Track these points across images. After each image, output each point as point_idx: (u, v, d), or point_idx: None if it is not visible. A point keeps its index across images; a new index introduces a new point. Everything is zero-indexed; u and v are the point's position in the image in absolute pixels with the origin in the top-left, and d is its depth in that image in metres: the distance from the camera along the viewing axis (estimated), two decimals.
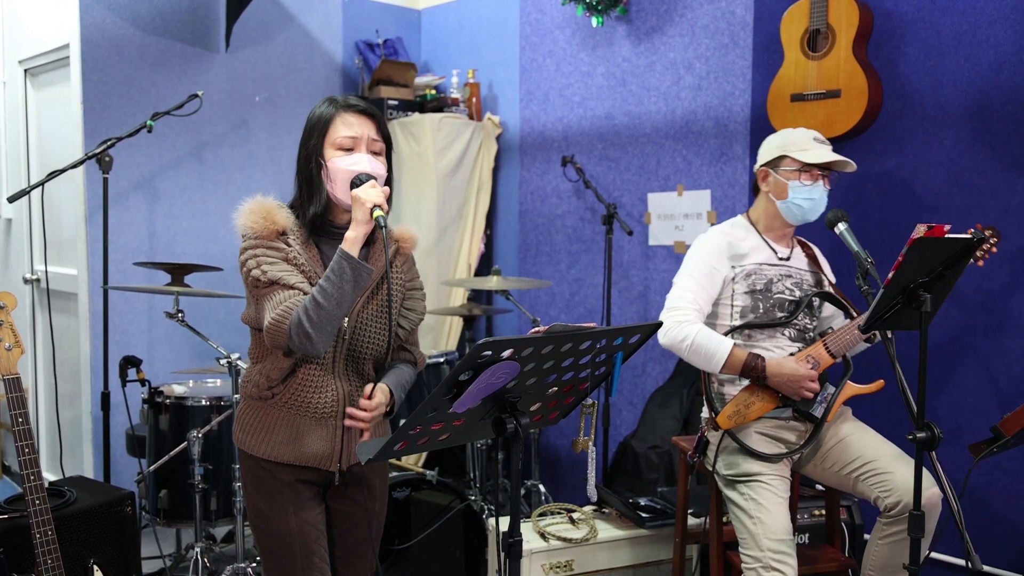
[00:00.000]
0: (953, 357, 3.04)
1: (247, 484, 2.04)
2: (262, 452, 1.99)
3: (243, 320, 2.07)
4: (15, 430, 2.28)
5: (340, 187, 1.95)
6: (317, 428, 1.98)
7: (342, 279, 1.84)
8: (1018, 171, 2.88)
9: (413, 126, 4.37)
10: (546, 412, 1.82)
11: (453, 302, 4.40)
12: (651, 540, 2.98)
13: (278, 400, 1.98)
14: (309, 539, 1.99)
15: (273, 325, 1.87)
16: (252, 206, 1.97)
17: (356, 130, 1.98)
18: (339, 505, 2.09)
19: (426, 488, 3.09)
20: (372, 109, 2.02)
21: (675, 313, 2.49)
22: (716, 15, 3.65)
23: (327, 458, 1.99)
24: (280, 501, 1.98)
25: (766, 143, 2.64)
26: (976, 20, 2.95)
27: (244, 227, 1.96)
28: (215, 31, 4.15)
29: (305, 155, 2.00)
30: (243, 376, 2.09)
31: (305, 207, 1.99)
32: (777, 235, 2.65)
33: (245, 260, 1.94)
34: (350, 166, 1.94)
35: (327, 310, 1.84)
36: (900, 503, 2.34)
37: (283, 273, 1.91)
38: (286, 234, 1.96)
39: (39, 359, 4.53)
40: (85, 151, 3.57)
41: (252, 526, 2.05)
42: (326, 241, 2.02)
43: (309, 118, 2.02)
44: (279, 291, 1.90)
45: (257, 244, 1.93)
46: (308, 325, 1.84)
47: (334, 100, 2.02)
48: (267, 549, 2.01)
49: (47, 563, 2.27)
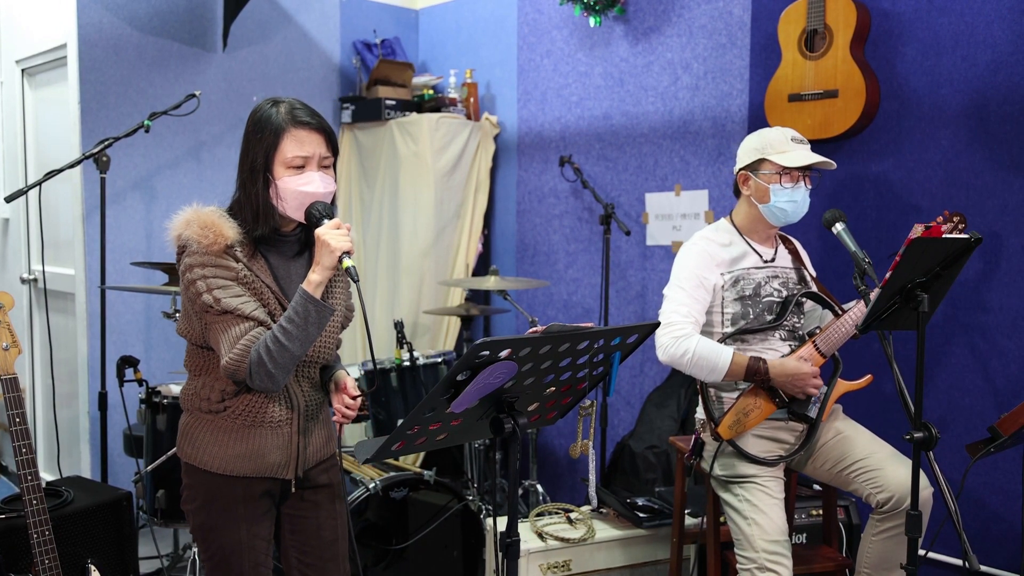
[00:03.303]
0: (950, 357, 3.05)
1: (195, 499, 1.97)
2: (216, 467, 1.93)
3: (179, 333, 1.99)
4: (12, 430, 2.27)
5: (291, 206, 1.88)
6: (272, 438, 1.94)
7: (307, 322, 1.81)
8: (1015, 171, 2.89)
9: (411, 126, 4.37)
10: (544, 412, 1.82)
11: (451, 302, 4.40)
12: (648, 540, 2.98)
13: (230, 413, 1.93)
14: (258, 551, 1.96)
15: (232, 363, 1.82)
16: (194, 216, 1.86)
17: (307, 149, 1.88)
18: (297, 512, 2.05)
19: (424, 488, 3.09)
20: (323, 124, 1.91)
21: (671, 328, 2.47)
22: (714, 15, 3.65)
23: (284, 467, 1.97)
24: (233, 516, 1.94)
25: (744, 145, 2.61)
26: (973, 20, 2.95)
27: (187, 239, 1.84)
28: (212, 31, 4.15)
29: (250, 169, 1.89)
30: (186, 388, 2.01)
31: (250, 225, 1.89)
32: (761, 237, 2.64)
33: (193, 280, 1.84)
34: (302, 187, 1.87)
35: (291, 351, 1.81)
36: (892, 499, 2.36)
37: (238, 303, 1.83)
38: (233, 247, 1.86)
39: (36, 359, 4.52)
40: (82, 151, 3.57)
41: (197, 539, 1.99)
42: (272, 250, 1.95)
43: (254, 122, 1.91)
44: (235, 324, 1.83)
45: (205, 262, 1.83)
46: (271, 365, 1.80)
47: (279, 106, 1.90)
48: (214, 561, 1.97)
49: (44, 563, 2.27)
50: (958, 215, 2.50)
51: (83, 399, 3.92)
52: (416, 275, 4.35)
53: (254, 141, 1.91)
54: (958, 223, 2.49)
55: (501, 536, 1.71)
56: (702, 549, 2.79)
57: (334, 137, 1.95)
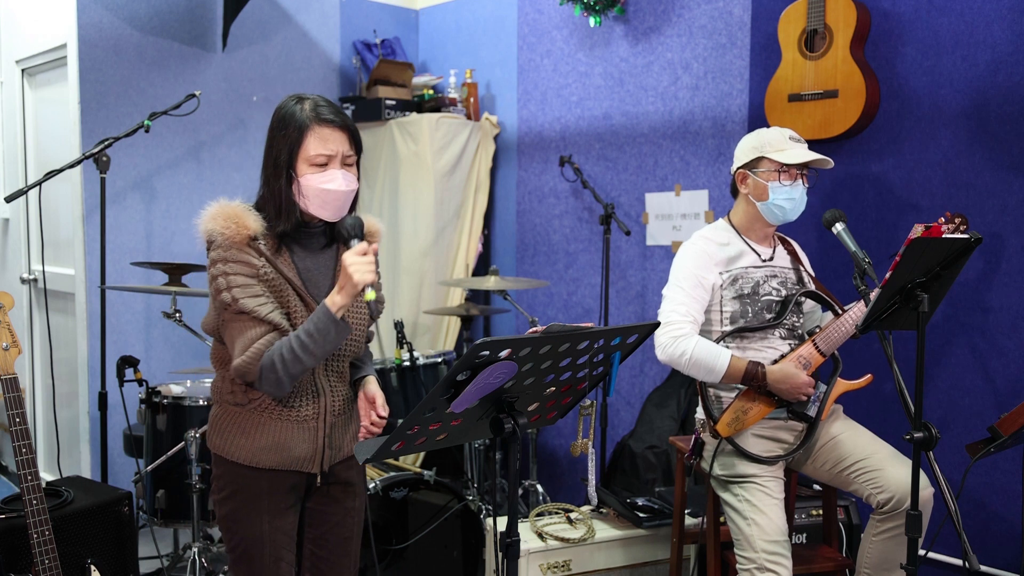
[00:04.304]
0: (950, 357, 3.05)
1: (222, 489, 2.00)
2: (243, 458, 1.95)
3: (204, 328, 2.00)
4: (12, 430, 2.28)
5: (314, 204, 1.90)
6: (298, 431, 1.96)
7: (325, 339, 1.82)
8: (1015, 171, 2.89)
9: (411, 126, 4.37)
10: (544, 412, 1.82)
11: (451, 302, 4.40)
12: (648, 540, 2.98)
13: (256, 405, 1.94)
14: (279, 546, 1.98)
15: (243, 366, 1.84)
16: (219, 210, 1.88)
17: (331, 147, 1.89)
18: (319, 506, 2.07)
19: (424, 488, 3.09)
20: (346, 121, 1.92)
21: (670, 328, 2.48)
22: (714, 15, 3.65)
23: (309, 460, 1.98)
24: (257, 508, 1.96)
25: (742, 144, 2.62)
26: (973, 20, 2.95)
27: (212, 232, 1.87)
28: (212, 31, 4.15)
29: (274, 165, 1.91)
30: (215, 381, 2.04)
31: (273, 220, 1.91)
32: (759, 236, 2.65)
33: (215, 275, 1.86)
34: (324, 184, 1.88)
35: (304, 363, 1.83)
36: (892, 499, 2.36)
37: (255, 303, 1.84)
38: (257, 239, 1.88)
39: (36, 359, 4.52)
40: (82, 151, 3.57)
41: (224, 528, 2.01)
42: (296, 243, 1.96)
43: (279, 119, 1.92)
44: (250, 326, 1.84)
45: (227, 257, 1.85)
46: (282, 373, 1.82)
47: (303, 103, 1.90)
48: (236, 552, 1.99)
49: (44, 563, 2.27)
50: (960, 216, 2.50)
51: (83, 399, 3.92)
52: (416, 275, 4.35)
53: (278, 137, 1.91)
54: (959, 224, 2.49)
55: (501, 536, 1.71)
56: (702, 549, 2.79)
57: (358, 135, 1.96)
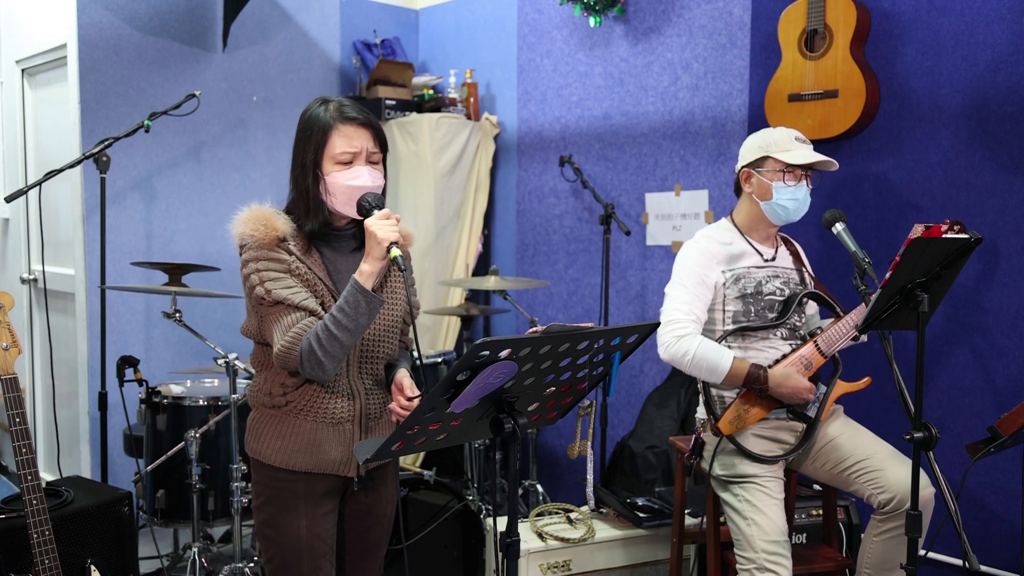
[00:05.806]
0: (950, 357, 3.05)
1: (260, 494, 1.99)
2: (279, 461, 1.95)
3: (243, 332, 2.02)
4: (12, 430, 2.27)
5: (340, 201, 1.92)
6: (334, 434, 1.96)
7: (357, 311, 1.83)
8: (1015, 171, 2.89)
9: (411, 126, 4.37)
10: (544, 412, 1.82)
11: (451, 302, 4.40)
12: (648, 540, 2.98)
13: (293, 408, 1.95)
14: (317, 553, 1.96)
15: (283, 352, 1.85)
16: (249, 214, 1.91)
17: (356, 144, 1.91)
18: (353, 510, 2.07)
19: (424, 488, 3.09)
20: (370, 119, 1.95)
21: (673, 326, 2.48)
22: (714, 15, 3.65)
23: (345, 464, 1.97)
24: (294, 513, 1.95)
25: (747, 144, 2.63)
26: (973, 20, 2.95)
27: (243, 236, 1.90)
28: (212, 31, 4.15)
29: (301, 166, 1.94)
30: (252, 385, 2.05)
31: (302, 220, 1.94)
32: (761, 236, 2.65)
33: (248, 275, 1.89)
34: (350, 181, 1.90)
35: (341, 340, 1.83)
36: (893, 499, 2.36)
37: (288, 292, 1.87)
38: (286, 240, 1.91)
39: (36, 359, 4.52)
40: (82, 151, 3.57)
41: (261, 535, 2.00)
42: (326, 245, 1.99)
43: (304, 121, 1.95)
44: (286, 313, 1.87)
45: (258, 256, 1.88)
46: (321, 353, 1.83)
47: (327, 104, 1.94)
48: (275, 558, 1.98)
49: (44, 563, 2.27)
50: (959, 224, 2.49)
51: (83, 399, 3.91)
52: (416, 275, 4.34)
53: (304, 139, 1.94)
54: (958, 232, 2.49)
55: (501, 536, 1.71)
56: (702, 549, 2.79)
57: (382, 133, 1.98)
